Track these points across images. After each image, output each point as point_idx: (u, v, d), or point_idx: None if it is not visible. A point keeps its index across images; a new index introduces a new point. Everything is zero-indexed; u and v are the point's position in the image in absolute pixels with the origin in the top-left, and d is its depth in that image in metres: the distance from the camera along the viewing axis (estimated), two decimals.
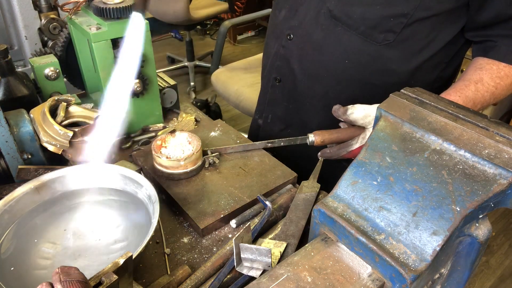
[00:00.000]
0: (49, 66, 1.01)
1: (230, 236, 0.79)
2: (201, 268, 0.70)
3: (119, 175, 0.79)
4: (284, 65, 1.10)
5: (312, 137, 0.89)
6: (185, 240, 0.78)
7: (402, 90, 0.66)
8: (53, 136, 0.85)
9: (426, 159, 0.55)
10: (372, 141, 0.60)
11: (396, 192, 0.54)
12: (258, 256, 0.65)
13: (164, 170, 0.87)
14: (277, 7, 1.12)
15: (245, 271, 0.65)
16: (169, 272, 0.71)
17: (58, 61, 1.02)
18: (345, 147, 0.88)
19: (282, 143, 0.94)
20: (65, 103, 0.90)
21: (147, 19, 0.96)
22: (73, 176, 0.80)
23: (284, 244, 0.71)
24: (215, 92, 2.24)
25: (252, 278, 0.64)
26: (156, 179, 0.88)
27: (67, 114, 0.89)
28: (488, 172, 0.52)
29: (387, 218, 0.53)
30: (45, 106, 0.86)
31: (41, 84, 1.02)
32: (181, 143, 0.90)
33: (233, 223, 0.80)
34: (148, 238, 0.64)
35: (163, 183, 0.87)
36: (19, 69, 1.12)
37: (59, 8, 1.12)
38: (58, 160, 0.90)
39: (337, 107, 0.86)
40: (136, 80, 0.96)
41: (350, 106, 0.85)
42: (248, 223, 0.79)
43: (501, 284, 2.03)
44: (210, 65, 2.73)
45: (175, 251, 0.76)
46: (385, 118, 0.62)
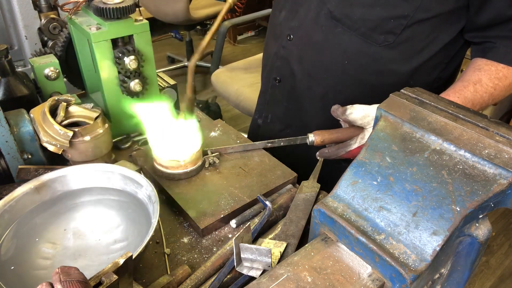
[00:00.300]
0: (49, 66, 1.01)
1: (230, 236, 0.79)
2: (201, 268, 0.70)
3: (119, 175, 0.79)
4: (284, 65, 1.10)
5: (312, 137, 0.89)
6: (185, 240, 0.78)
7: (402, 90, 0.65)
8: (53, 136, 0.85)
9: (426, 159, 0.55)
10: (372, 141, 0.60)
11: (396, 192, 0.54)
12: (258, 256, 0.65)
13: (164, 170, 0.88)
14: (277, 8, 1.12)
15: (245, 271, 0.65)
16: (169, 272, 0.71)
17: (58, 61, 1.02)
18: (343, 147, 0.88)
19: (282, 143, 0.94)
20: (65, 103, 0.90)
21: (147, 19, 0.96)
22: (73, 176, 0.80)
23: (284, 244, 0.71)
24: (215, 92, 2.24)
25: (252, 278, 0.64)
26: (156, 179, 0.88)
27: (67, 114, 0.89)
28: (488, 172, 0.52)
29: (387, 218, 0.53)
30: (45, 106, 0.86)
31: (41, 84, 1.02)
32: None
33: (233, 223, 0.80)
34: (148, 238, 0.64)
35: (163, 183, 0.87)
36: (19, 69, 1.12)
37: (59, 8, 1.12)
38: (58, 160, 0.90)
39: (336, 107, 0.86)
40: (136, 80, 0.96)
41: (349, 106, 0.85)
42: (248, 223, 0.79)
43: (501, 284, 2.03)
44: (210, 65, 2.73)
45: (175, 251, 0.76)
46: (385, 118, 0.62)
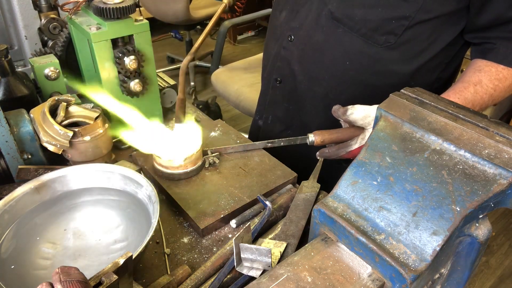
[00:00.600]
0: (49, 66, 1.01)
1: (230, 236, 0.79)
2: (201, 268, 0.70)
3: (119, 175, 0.79)
4: (285, 66, 1.09)
5: (312, 137, 0.89)
6: (185, 240, 0.78)
7: (402, 90, 0.65)
8: (53, 136, 0.84)
9: (426, 159, 0.55)
10: (372, 141, 0.60)
11: (396, 192, 0.54)
12: (258, 256, 0.65)
13: (164, 170, 0.88)
14: (277, 8, 1.12)
15: (245, 271, 0.65)
16: (169, 272, 0.71)
17: (58, 61, 1.02)
18: (344, 147, 0.88)
19: (282, 143, 0.94)
20: (65, 103, 0.90)
21: (147, 19, 0.96)
22: (73, 176, 0.80)
23: (284, 244, 0.71)
24: (215, 92, 2.24)
25: (252, 278, 0.64)
26: (156, 179, 0.88)
27: (67, 114, 0.89)
28: (488, 172, 0.52)
29: (387, 218, 0.53)
30: (45, 106, 0.86)
31: (41, 84, 1.02)
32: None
33: (233, 223, 0.80)
34: (148, 238, 0.64)
35: (163, 183, 0.87)
36: (19, 69, 1.12)
37: (59, 8, 1.12)
38: (58, 160, 0.90)
39: (336, 107, 0.86)
40: (136, 80, 0.96)
41: (350, 106, 0.85)
42: (248, 223, 0.79)
43: (501, 284, 2.03)
44: (210, 65, 2.73)
45: (175, 251, 0.76)
46: (385, 118, 0.62)
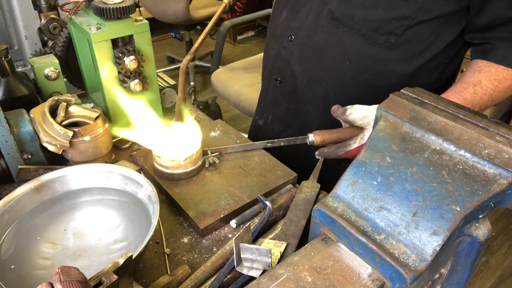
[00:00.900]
0: (49, 66, 1.01)
1: (230, 236, 0.79)
2: (201, 268, 0.70)
3: (119, 175, 0.79)
4: (285, 66, 1.09)
5: (312, 137, 0.89)
6: (185, 240, 0.78)
7: (402, 90, 0.65)
8: (53, 136, 0.84)
9: (426, 159, 0.55)
10: (372, 141, 0.60)
11: (396, 192, 0.54)
12: (258, 256, 0.65)
13: (164, 170, 0.88)
14: (278, 8, 1.12)
15: (245, 271, 0.65)
16: (169, 272, 0.71)
17: (58, 61, 1.02)
18: (343, 147, 0.88)
19: (282, 143, 0.94)
20: (65, 103, 0.90)
21: (147, 19, 0.96)
22: (73, 176, 0.80)
23: (284, 244, 0.71)
24: (215, 92, 2.24)
25: (252, 278, 0.64)
26: (156, 179, 0.88)
27: (67, 114, 0.89)
28: (488, 172, 0.52)
29: (387, 218, 0.53)
30: (45, 106, 0.86)
31: (41, 84, 1.02)
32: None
33: (233, 223, 0.80)
34: (148, 238, 0.64)
35: (163, 183, 0.87)
36: (19, 69, 1.12)
37: (59, 8, 1.12)
38: (58, 160, 0.90)
39: (336, 107, 0.86)
40: (136, 80, 0.96)
41: (349, 106, 0.85)
42: (248, 223, 0.79)
43: (501, 284, 2.03)
44: (210, 65, 2.73)
45: (175, 251, 0.76)
46: (385, 118, 0.62)
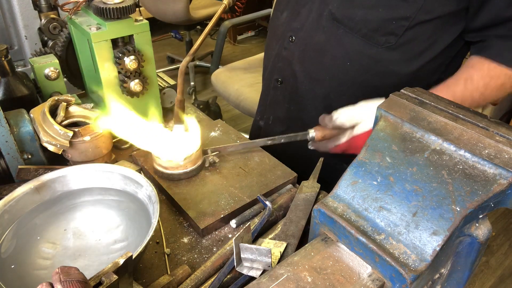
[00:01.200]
0: (49, 66, 1.01)
1: (230, 236, 0.79)
2: (201, 268, 0.70)
3: (119, 175, 0.79)
4: (286, 66, 1.09)
5: (312, 133, 0.89)
6: (185, 240, 0.78)
7: (402, 90, 0.65)
8: (53, 136, 0.85)
9: (426, 159, 0.55)
10: (372, 141, 0.60)
11: (396, 192, 0.54)
12: (258, 256, 0.65)
13: (164, 170, 0.87)
14: (278, 9, 1.12)
15: (245, 271, 0.65)
16: (169, 272, 0.71)
17: (58, 61, 1.02)
18: (333, 141, 0.89)
19: (282, 140, 0.94)
20: (65, 103, 0.90)
21: (147, 19, 0.96)
22: (73, 176, 0.80)
23: (284, 244, 0.71)
24: (215, 92, 2.24)
25: (252, 278, 0.64)
26: (156, 179, 0.88)
27: (67, 114, 0.89)
28: (488, 172, 0.52)
29: (387, 218, 0.53)
30: (45, 106, 0.86)
31: (41, 84, 1.02)
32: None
33: (233, 223, 0.80)
34: (148, 238, 0.64)
35: (163, 183, 0.87)
36: (19, 69, 1.12)
37: (59, 8, 1.12)
38: (58, 160, 0.90)
39: (322, 117, 0.89)
40: (136, 80, 0.96)
41: (334, 112, 0.87)
42: (248, 223, 0.79)
43: (501, 284, 2.03)
44: (210, 65, 2.73)
45: (175, 251, 0.76)
46: (385, 118, 0.62)
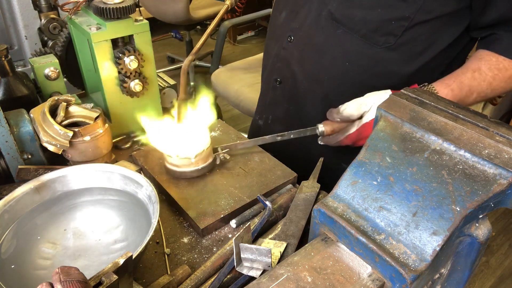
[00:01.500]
0: (49, 66, 1.01)
1: (230, 236, 0.79)
2: (201, 268, 0.70)
3: (119, 175, 0.79)
4: (285, 67, 1.09)
5: (321, 127, 0.89)
6: (185, 240, 0.78)
7: (402, 90, 0.66)
8: (53, 136, 0.84)
9: (426, 159, 0.55)
10: (372, 141, 0.60)
11: (396, 192, 0.54)
12: (258, 256, 0.65)
13: (176, 169, 0.87)
14: (277, 9, 1.12)
15: (245, 271, 0.65)
16: (169, 272, 0.71)
17: (58, 61, 1.02)
18: (343, 133, 0.89)
19: (292, 135, 0.93)
20: (65, 103, 0.90)
21: (147, 19, 0.96)
22: (73, 176, 0.80)
23: (284, 244, 0.71)
24: (215, 92, 2.24)
25: (252, 278, 0.64)
26: (156, 179, 0.88)
27: (67, 114, 0.89)
28: (488, 172, 0.52)
29: (387, 218, 0.53)
30: (45, 106, 0.86)
31: (41, 84, 1.02)
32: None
33: (233, 223, 0.80)
34: (148, 238, 0.64)
35: (163, 183, 0.87)
36: (19, 69, 1.12)
37: (59, 8, 1.12)
38: (58, 160, 0.90)
39: (329, 112, 0.89)
40: (136, 80, 0.96)
41: (340, 105, 0.86)
42: (248, 223, 0.79)
43: (501, 284, 2.03)
44: (210, 65, 2.73)
45: (175, 251, 0.76)
46: (385, 118, 0.62)
